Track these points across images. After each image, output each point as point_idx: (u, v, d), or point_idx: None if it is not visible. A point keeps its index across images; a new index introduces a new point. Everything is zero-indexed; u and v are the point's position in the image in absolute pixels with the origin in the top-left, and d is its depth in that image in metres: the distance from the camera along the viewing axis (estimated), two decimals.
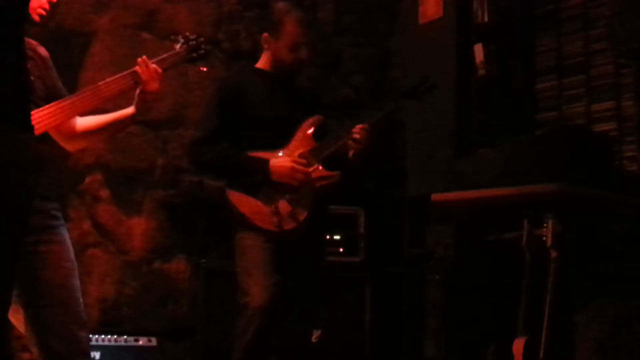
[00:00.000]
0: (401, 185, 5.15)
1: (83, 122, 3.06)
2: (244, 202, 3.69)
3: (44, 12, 2.87)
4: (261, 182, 3.68)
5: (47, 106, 2.80)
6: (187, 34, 3.30)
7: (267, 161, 3.69)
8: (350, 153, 3.79)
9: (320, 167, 3.76)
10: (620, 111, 4.51)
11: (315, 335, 4.17)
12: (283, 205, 3.68)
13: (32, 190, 2.12)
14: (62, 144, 3.08)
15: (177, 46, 3.23)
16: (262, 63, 3.92)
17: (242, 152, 3.73)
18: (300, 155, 3.73)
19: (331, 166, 3.79)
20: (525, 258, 3.30)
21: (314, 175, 3.73)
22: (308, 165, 3.73)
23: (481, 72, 4.83)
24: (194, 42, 3.26)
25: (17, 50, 2.04)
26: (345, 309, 4.64)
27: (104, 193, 4.76)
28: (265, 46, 3.88)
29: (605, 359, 3.46)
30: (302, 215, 3.69)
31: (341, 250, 4.79)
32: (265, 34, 3.87)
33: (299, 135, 3.79)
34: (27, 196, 2.07)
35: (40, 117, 2.75)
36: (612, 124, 4.53)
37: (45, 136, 2.85)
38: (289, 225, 3.67)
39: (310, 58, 3.98)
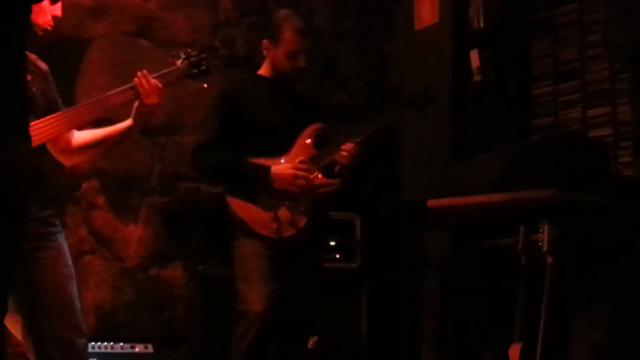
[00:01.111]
0: (397, 191, 5.16)
1: (80, 136, 3.06)
2: (243, 208, 3.70)
3: (49, 28, 2.88)
4: (261, 189, 3.69)
5: (45, 118, 2.81)
6: (189, 50, 3.29)
7: (268, 168, 3.69)
8: (336, 168, 3.78)
9: (320, 175, 3.76)
10: (615, 117, 4.52)
11: (312, 341, 4.17)
12: (283, 212, 3.68)
13: (29, 199, 2.12)
14: (59, 158, 3.08)
15: (179, 62, 3.22)
16: (263, 70, 3.93)
17: (244, 158, 3.73)
18: (300, 163, 3.74)
19: (331, 174, 3.79)
20: (521, 263, 3.30)
21: (314, 182, 3.74)
22: (308, 172, 3.74)
23: (477, 77, 4.84)
24: (195, 59, 3.25)
25: (16, 57, 2.04)
26: (342, 315, 4.64)
27: (100, 200, 4.76)
28: (265, 52, 3.88)
29: None
30: (302, 222, 3.69)
31: (337, 256, 4.79)
32: (264, 41, 3.87)
33: (299, 142, 3.80)
34: (24, 204, 2.08)
35: (39, 129, 2.75)
36: (607, 130, 4.54)
37: (44, 146, 2.85)
38: (288, 232, 3.67)
39: (308, 67, 3.96)
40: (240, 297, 3.62)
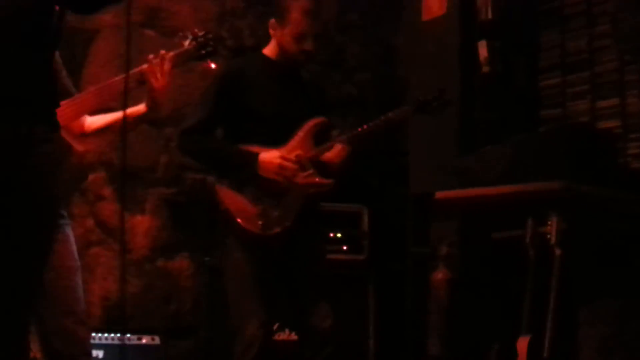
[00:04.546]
0: (404, 183, 5.14)
1: (93, 120, 3.07)
2: (231, 199, 3.57)
3: None
4: (250, 178, 3.55)
5: None
6: (196, 30, 3.27)
7: (256, 154, 3.54)
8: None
9: (315, 174, 3.63)
10: (624, 108, 4.49)
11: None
12: (270, 208, 3.56)
13: (62, 189, 2.14)
14: (72, 143, 3.08)
15: (186, 43, 3.21)
16: (269, 49, 3.74)
17: (233, 145, 3.61)
18: (297, 157, 3.60)
19: (325, 172, 3.66)
20: (529, 256, 3.29)
21: (306, 180, 3.61)
22: (303, 169, 3.61)
23: (485, 69, 4.82)
24: (202, 39, 3.23)
25: (49, 49, 2.06)
26: (349, 307, 4.63)
27: (107, 191, 4.76)
28: (271, 32, 3.70)
29: (609, 357, 3.45)
30: (289, 221, 3.56)
31: (345, 248, 4.78)
32: (272, 19, 3.69)
33: (299, 135, 3.65)
34: (59, 195, 2.10)
35: None
36: (616, 121, 4.51)
37: None
38: (274, 230, 3.54)
39: (316, 51, 3.77)
40: (235, 314, 3.54)
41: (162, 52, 2.99)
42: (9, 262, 2.00)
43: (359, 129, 3.72)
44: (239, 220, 3.54)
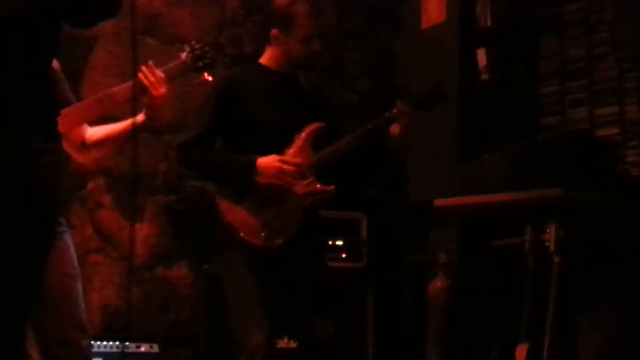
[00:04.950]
0: (403, 191, 5.14)
1: (94, 132, 3.08)
2: (232, 212, 3.53)
3: None
4: (249, 187, 3.52)
5: None
6: (193, 42, 3.29)
7: (254, 159, 3.51)
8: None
9: (317, 182, 3.60)
10: (623, 116, 4.49)
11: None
12: (272, 219, 3.52)
13: (63, 198, 2.16)
14: (74, 154, 3.08)
15: (183, 55, 3.23)
16: (267, 59, 3.70)
17: (230, 153, 3.59)
18: (295, 166, 3.55)
19: (329, 176, 3.63)
20: (528, 263, 3.29)
21: (307, 189, 3.57)
22: (303, 177, 3.57)
23: (484, 76, 4.82)
24: (199, 51, 3.25)
25: (50, 60, 2.07)
26: (348, 315, 4.63)
27: (106, 199, 4.76)
28: (275, 43, 3.64)
29: None
30: (292, 230, 3.53)
31: (344, 256, 4.78)
32: (274, 31, 3.62)
33: (297, 143, 3.61)
34: (59, 204, 2.11)
35: None
36: (615, 129, 4.51)
37: None
38: (277, 241, 3.51)
39: (321, 49, 3.77)
40: (237, 327, 3.50)
41: (150, 62, 3.02)
42: (6, 270, 2.00)
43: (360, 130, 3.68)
44: (241, 233, 3.50)
